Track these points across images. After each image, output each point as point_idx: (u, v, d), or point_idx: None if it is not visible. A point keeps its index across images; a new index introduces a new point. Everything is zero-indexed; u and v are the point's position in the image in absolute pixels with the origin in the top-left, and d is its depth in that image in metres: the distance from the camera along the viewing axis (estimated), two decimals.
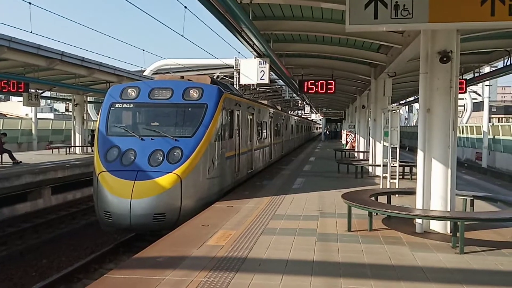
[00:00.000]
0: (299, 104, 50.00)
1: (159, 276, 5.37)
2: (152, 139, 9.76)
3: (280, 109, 25.02)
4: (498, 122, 58.80)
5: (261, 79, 12.72)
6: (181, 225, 8.20)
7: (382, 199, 9.14)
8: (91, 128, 28.28)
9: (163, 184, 8.96)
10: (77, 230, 12.85)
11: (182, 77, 12.05)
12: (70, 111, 27.76)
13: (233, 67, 24.42)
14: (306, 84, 14.88)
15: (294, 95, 32.86)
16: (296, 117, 36.49)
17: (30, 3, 10.89)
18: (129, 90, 10.59)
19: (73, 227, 13.25)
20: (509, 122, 54.76)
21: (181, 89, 10.45)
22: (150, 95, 10.46)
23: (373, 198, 8.49)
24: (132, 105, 10.49)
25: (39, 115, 36.87)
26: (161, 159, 9.36)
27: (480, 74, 18.00)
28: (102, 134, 10.08)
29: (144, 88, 10.59)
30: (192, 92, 10.36)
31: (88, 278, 8.42)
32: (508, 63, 13.93)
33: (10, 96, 49.91)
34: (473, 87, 34.63)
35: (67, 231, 12.77)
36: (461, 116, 47.67)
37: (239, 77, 19.45)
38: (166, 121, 10.24)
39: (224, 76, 27.56)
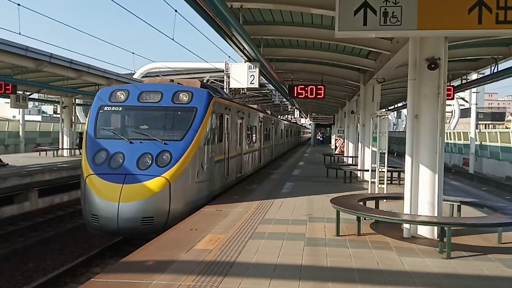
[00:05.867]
0: (289, 109, 50.12)
1: (146, 280, 5.34)
2: (141, 142, 9.72)
3: (269, 114, 25.08)
4: (485, 128, 59.50)
5: (251, 83, 12.73)
6: (169, 229, 8.16)
7: (370, 204, 9.19)
8: (79, 130, 28.07)
9: (152, 187, 8.91)
10: (64, 234, 12.72)
11: (172, 80, 12.03)
12: (58, 114, 27.53)
13: (223, 71, 24.35)
14: (295, 89, 14.93)
15: (284, 99, 32.92)
16: (285, 122, 36.56)
17: (19, 4, 10.83)
18: (118, 93, 10.53)
19: (60, 230, 13.12)
20: (496, 128, 55.43)
21: (170, 92, 10.42)
22: (140, 98, 10.41)
23: (361, 203, 8.52)
24: (121, 108, 10.43)
25: (27, 117, 36.57)
26: (149, 163, 9.30)
27: (468, 81, 18.20)
28: (91, 137, 10.00)
29: (134, 91, 10.54)
30: (181, 96, 10.34)
31: (75, 282, 8.36)
32: (495, 70, 14.09)
33: None
34: (461, 94, 34.97)
35: (53, 234, 12.64)
36: (449, 122, 48.18)
37: (229, 81, 19.41)
38: (155, 125, 10.19)
39: (214, 80, 27.54)
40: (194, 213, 9.45)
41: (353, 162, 20.82)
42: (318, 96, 14.87)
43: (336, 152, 30.42)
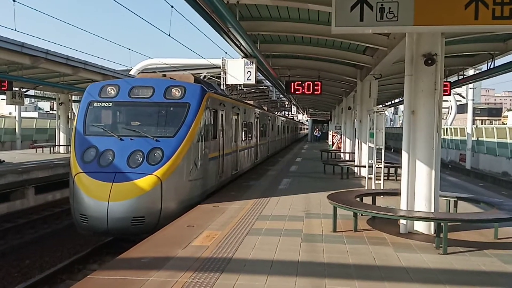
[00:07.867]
0: (286, 105, 50.08)
1: (143, 277, 5.33)
2: (131, 139, 9.45)
3: (266, 110, 25.04)
4: (482, 124, 59.62)
5: (247, 79, 12.69)
6: (161, 228, 8.01)
7: (367, 200, 9.20)
8: None
9: (143, 186, 8.68)
10: (60, 231, 12.69)
11: (164, 75, 11.75)
12: (55, 110, 27.44)
13: (220, 68, 24.30)
14: (292, 85, 14.89)
15: (281, 95, 32.90)
16: (282, 118, 36.51)
17: (14, 0, 10.75)
18: (108, 88, 10.24)
19: (57, 227, 13.10)
20: (492, 124, 55.57)
21: (162, 87, 10.16)
22: (130, 94, 10.13)
23: (358, 199, 8.54)
24: (111, 103, 10.13)
25: (23, 114, 36.42)
26: (140, 160, 9.05)
27: (464, 76, 18.21)
28: (80, 134, 9.71)
29: (124, 86, 10.26)
30: (174, 91, 10.08)
31: (72, 279, 8.32)
32: (492, 66, 14.10)
33: None
34: (458, 90, 35.03)
35: (50, 231, 12.62)
36: (446, 118, 48.25)
37: (226, 78, 19.40)
38: (147, 121, 9.95)
39: (211, 76, 27.48)
40: (187, 211, 9.31)
41: (350, 158, 20.87)
42: (315, 92, 14.84)
43: (333, 148, 30.48)
